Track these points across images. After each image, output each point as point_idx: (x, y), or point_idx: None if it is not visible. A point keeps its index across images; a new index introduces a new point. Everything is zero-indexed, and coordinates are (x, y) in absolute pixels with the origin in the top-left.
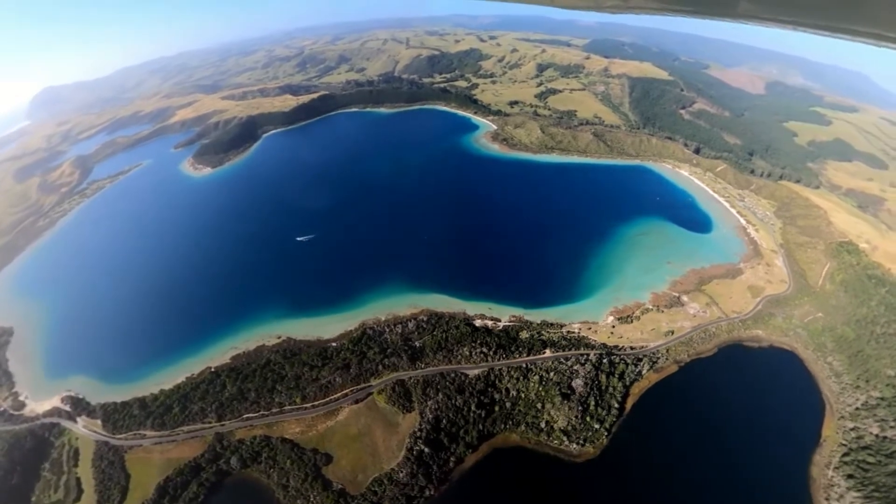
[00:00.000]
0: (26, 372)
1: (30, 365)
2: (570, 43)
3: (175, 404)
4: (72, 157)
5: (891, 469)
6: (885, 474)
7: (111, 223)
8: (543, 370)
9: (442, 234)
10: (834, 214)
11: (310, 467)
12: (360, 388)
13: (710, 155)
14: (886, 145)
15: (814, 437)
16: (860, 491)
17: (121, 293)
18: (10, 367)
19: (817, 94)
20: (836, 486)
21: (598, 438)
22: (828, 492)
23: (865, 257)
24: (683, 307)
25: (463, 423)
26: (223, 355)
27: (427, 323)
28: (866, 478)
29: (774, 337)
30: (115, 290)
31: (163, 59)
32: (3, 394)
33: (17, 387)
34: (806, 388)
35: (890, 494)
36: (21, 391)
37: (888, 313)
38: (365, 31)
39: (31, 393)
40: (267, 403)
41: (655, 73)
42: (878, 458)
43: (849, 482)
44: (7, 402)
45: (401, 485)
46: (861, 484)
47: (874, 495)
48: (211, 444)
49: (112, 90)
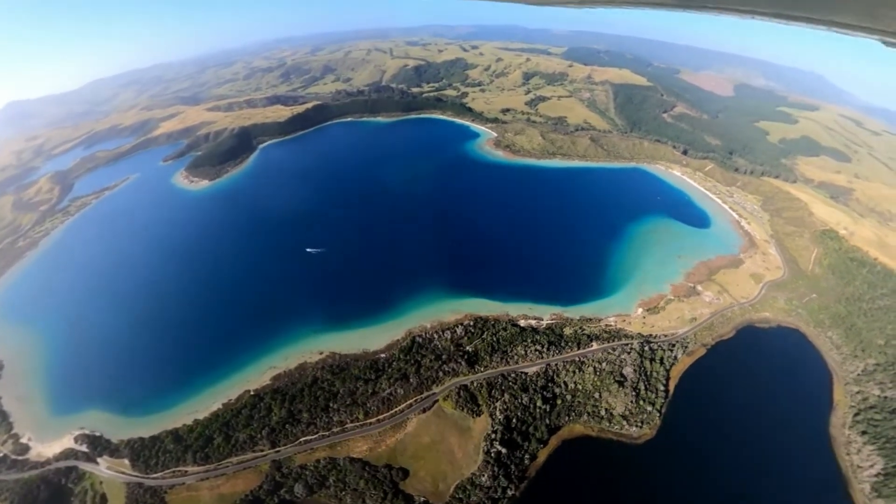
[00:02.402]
0: (25, 410)
1: (29, 402)
2: (548, 51)
3: (216, 434)
4: (47, 173)
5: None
6: (892, 427)
7: (106, 240)
8: (595, 362)
9: (465, 238)
10: (813, 205)
11: (387, 484)
12: (424, 397)
13: (697, 155)
14: (848, 140)
15: (827, 402)
16: (874, 444)
17: (129, 315)
18: (5, 406)
19: (781, 95)
20: (854, 443)
21: (653, 420)
22: (847, 448)
23: (846, 242)
24: (700, 296)
25: (531, 419)
26: (261, 377)
27: (474, 327)
28: (877, 432)
29: (780, 317)
30: (122, 313)
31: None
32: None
33: (16, 428)
34: (813, 360)
35: None
36: (22, 433)
37: (871, 290)
38: (344, 42)
39: (36, 434)
40: (325, 423)
41: (635, 79)
42: (883, 415)
43: (863, 438)
44: (7, 446)
45: (484, 488)
46: (874, 438)
47: (886, 446)
48: (268, 474)
49: (84, 104)
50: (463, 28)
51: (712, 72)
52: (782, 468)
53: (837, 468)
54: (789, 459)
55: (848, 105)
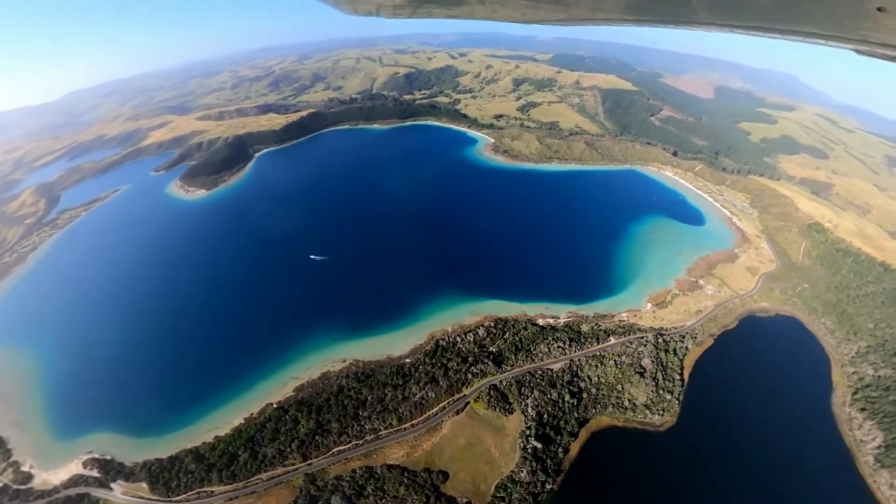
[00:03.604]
0: (24, 436)
1: (27, 427)
2: (535, 58)
3: (241, 450)
4: (31, 185)
5: (891, 399)
6: (888, 403)
7: (102, 252)
8: (615, 355)
9: (474, 242)
10: (798, 201)
11: (428, 488)
12: (456, 399)
13: (687, 156)
14: (824, 138)
15: (827, 383)
16: (873, 419)
17: (134, 331)
18: (1, 432)
19: (759, 96)
20: (855, 419)
21: (672, 407)
22: (849, 424)
23: (831, 235)
24: (702, 289)
25: (561, 414)
26: (283, 388)
27: (495, 328)
28: (875, 408)
29: (777, 307)
30: (126, 328)
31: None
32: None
33: (15, 455)
34: (810, 345)
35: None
36: (22, 460)
37: (857, 279)
38: (331, 50)
39: (38, 461)
40: (357, 432)
41: (621, 84)
42: (879, 393)
43: (863, 414)
44: (7, 475)
45: (524, 484)
46: (872, 414)
47: (885, 421)
48: (302, 488)
49: (64, 115)
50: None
51: (692, 75)
52: (793, 446)
53: (842, 443)
54: (799, 437)
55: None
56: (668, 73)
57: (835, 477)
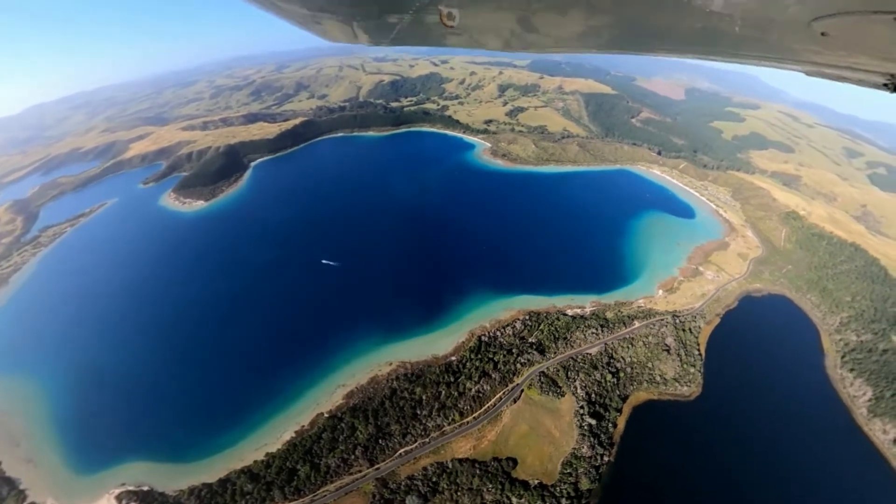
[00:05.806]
0: (38, 473)
1: (41, 464)
2: (514, 64)
3: (300, 464)
4: (4, 202)
5: (874, 359)
6: (872, 363)
7: (101, 269)
8: (643, 336)
9: (488, 241)
10: (774, 192)
11: (501, 476)
12: (510, 389)
13: (670, 155)
14: (789, 133)
15: (818, 350)
16: (861, 377)
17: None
18: (9, 472)
19: (726, 96)
20: (846, 378)
21: (696, 379)
22: (842, 382)
23: (806, 221)
24: (703, 275)
25: (605, 392)
26: (331, 396)
27: (531, 321)
28: (862, 368)
29: (769, 287)
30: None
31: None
32: None
33: (31, 496)
34: (800, 318)
35: (881, 372)
36: (41, 500)
37: (832, 259)
38: (309, 59)
39: (61, 500)
40: (421, 431)
41: (601, 88)
42: (864, 354)
43: (852, 374)
44: None
45: (587, 458)
46: (860, 373)
47: (871, 378)
48: (375, 493)
49: (28, 129)
50: None
51: (662, 78)
52: (798, 405)
53: (839, 399)
54: (802, 398)
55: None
56: (640, 76)
57: (835, 427)
